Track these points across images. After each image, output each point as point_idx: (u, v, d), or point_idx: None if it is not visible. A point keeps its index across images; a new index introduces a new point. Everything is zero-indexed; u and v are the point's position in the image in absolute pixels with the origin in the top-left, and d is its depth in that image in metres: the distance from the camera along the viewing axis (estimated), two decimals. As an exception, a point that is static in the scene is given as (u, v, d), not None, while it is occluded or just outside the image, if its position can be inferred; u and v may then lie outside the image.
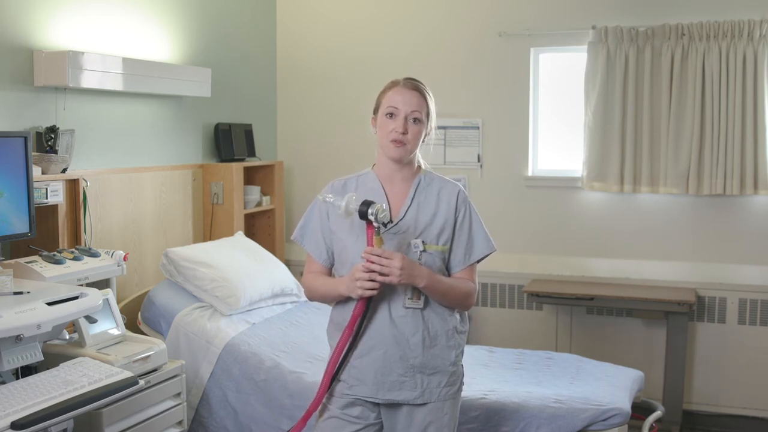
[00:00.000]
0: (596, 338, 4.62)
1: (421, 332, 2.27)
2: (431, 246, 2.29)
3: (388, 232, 2.27)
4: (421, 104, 2.31)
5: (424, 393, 2.29)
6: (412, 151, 2.34)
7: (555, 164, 4.82)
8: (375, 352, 2.27)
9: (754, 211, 4.37)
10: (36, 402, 2.08)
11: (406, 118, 2.28)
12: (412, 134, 2.30)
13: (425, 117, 2.32)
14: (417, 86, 2.33)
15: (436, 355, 2.29)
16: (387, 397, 2.28)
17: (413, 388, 2.28)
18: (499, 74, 4.77)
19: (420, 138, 2.33)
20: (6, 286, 2.49)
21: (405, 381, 2.27)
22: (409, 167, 2.38)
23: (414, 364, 2.27)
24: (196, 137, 4.40)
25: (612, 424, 2.99)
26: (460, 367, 2.38)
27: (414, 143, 2.32)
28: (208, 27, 4.48)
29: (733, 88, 4.23)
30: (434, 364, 2.29)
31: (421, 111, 2.30)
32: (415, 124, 2.30)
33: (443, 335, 2.30)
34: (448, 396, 2.32)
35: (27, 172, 2.87)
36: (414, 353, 2.26)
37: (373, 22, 5.01)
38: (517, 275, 4.75)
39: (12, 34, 3.18)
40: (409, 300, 2.26)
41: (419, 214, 2.31)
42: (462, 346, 2.37)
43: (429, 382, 2.29)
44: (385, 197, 2.34)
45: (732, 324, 4.42)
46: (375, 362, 2.27)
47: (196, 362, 3.42)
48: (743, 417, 4.43)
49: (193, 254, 3.76)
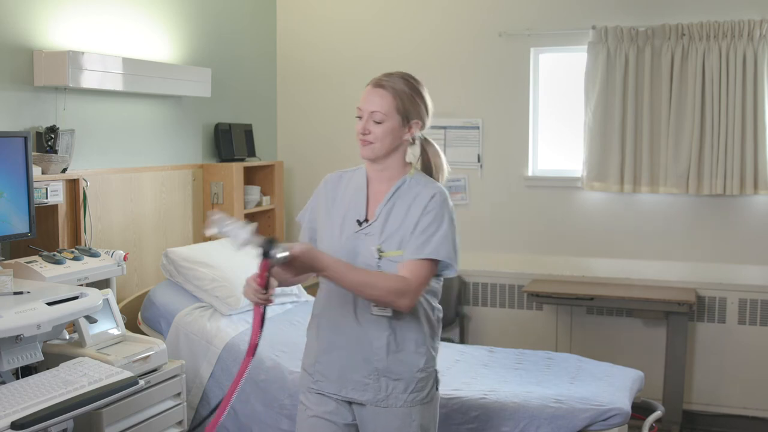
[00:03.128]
0: (596, 338, 4.62)
1: (386, 337, 2.20)
2: (389, 252, 2.19)
3: (360, 232, 2.22)
4: (383, 103, 2.19)
5: (389, 397, 2.22)
6: (383, 150, 2.22)
7: (555, 164, 4.82)
8: (338, 351, 2.24)
9: (754, 211, 4.37)
10: (36, 402, 2.08)
11: (368, 118, 2.20)
12: (376, 134, 2.20)
13: (394, 113, 2.20)
14: (382, 83, 2.22)
15: (401, 360, 2.21)
16: (350, 396, 2.24)
17: (377, 391, 2.21)
18: (499, 74, 4.77)
19: (388, 136, 2.21)
20: (6, 286, 2.49)
21: (369, 383, 2.22)
22: (392, 168, 2.27)
23: (378, 367, 2.21)
24: (196, 137, 4.40)
25: (612, 424, 2.99)
26: (432, 372, 2.28)
27: (383, 142, 2.21)
28: (208, 27, 4.48)
29: (733, 88, 4.23)
30: (399, 369, 2.21)
31: (384, 111, 2.19)
32: (377, 125, 2.19)
33: (411, 342, 2.22)
34: (415, 402, 2.23)
35: (27, 172, 2.87)
36: (377, 357, 2.20)
37: (373, 22, 5.01)
38: (517, 275, 4.75)
39: (12, 34, 3.18)
40: (376, 307, 2.19)
41: (390, 218, 2.22)
42: (433, 352, 2.28)
43: (395, 387, 2.21)
44: (366, 196, 2.27)
45: (732, 324, 4.41)
46: (339, 360, 2.24)
47: (196, 362, 3.42)
48: (743, 417, 4.43)
49: (193, 254, 3.76)
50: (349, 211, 2.28)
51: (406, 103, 2.22)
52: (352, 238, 2.23)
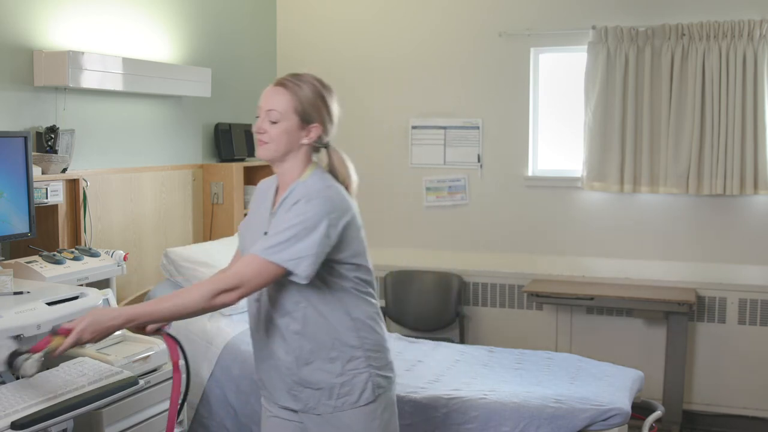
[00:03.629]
0: (596, 338, 4.61)
1: (292, 350, 2.13)
2: None
3: None
4: (281, 101, 2.10)
5: (318, 405, 2.15)
6: (279, 152, 2.12)
7: (555, 164, 4.82)
8: (262, 363, 2.24)
9: (754, 211, 4.37)
10: (36, 402, 2.08)
11: (264, 117, 2.12)
12: (271, 134, 2.11)
13: (292, 114, 2.10)
14: (283, 82, 2.14)
15: (314, 371, 2.13)
16: (284, 404, 2.22)
17: (306, 400, 2.16)
18: (499, 74, 4.77)
19: (283, 137, 2.11)
20: (6, 286, 2.49)
21: (295, 393, 2.18)
22: (291, 172, 2.16)
23: (294, 380, 2.16)
24: (196, 137, 4.40)
25: (612, 424, 2.99)
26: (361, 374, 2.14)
27: (278, 143, 2.11)
28: (208, 27, 4.48)
29: (733, 88, 4.23)
30: (315, 380, 2.14)
31: (282, 110, 2.10)
32: (273, 124, 2.10)
33: (320, 350, 2.13)
34: (346, 406, 2.14)
35: (27, 172, 2.87)
36: (290, 371, 2.15)
37: (373, 22, 5.01)
38: (517, 275, 4.74)
39: (12, 34, 3.18)
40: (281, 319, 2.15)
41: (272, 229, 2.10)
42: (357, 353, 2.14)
43: (320, 395, 2.14)
44: (272, 205, 2.19)
45: (732, 324, 4.41)
46: (267, 371, 2.23)
47: (196, 362, 3.41)
48: (743, 417, 4.43)
49: (193, 254, 3.76)
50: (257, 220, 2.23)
51: (305, 105, 2.13)
52: None
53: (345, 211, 2.11)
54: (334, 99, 2.22)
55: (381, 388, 2.18)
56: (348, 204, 2.14)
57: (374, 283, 2.25)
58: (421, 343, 3.94)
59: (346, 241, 2.11)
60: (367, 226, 2.23)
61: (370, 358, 2.17)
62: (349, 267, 2.15)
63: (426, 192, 4.93)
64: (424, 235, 4.94)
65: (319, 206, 2.05)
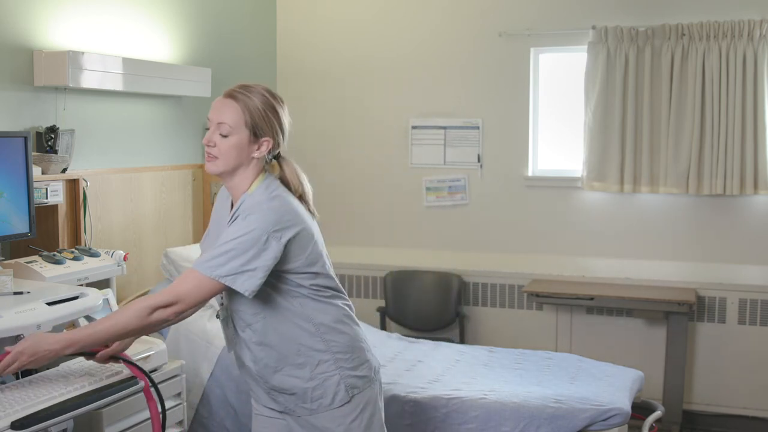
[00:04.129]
0: (596, 338, 4.61)
1: (259, 360, 2.13)
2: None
3: None
4: (232, 115, 2.05)
5: (296, 409, 2.17)
6: (228, 166, 2.06)
7: (555, 164, 4.82)
8: (241, 369, 2.26)
9: (754, 211, 4.37)
10: (36, 402, 2.08)
11: (215, 130, 2.06)
12: (220, 148, 2.04)
13: (243, 128, 2.05)
14: (233, 94, 2.09)
15: (284, 378, 2.14)
16: (267, 405, 2.25)
17: (284, 403, 2.18)
18: (499, 74, 4.77)
19: (233, 151, 2.04)
20: (6, 286, 2.49)
21: (273, 397, 2.20)
22: (241, 187, 2.10)
23: (269, 386, 2.17)
24: (196, 137, 4.40)
25: (612, 424, 2.99)
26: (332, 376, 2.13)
27: (227, 158, 2.04)
28: (208, 27, 4.48)
29: (733, 88, 4.23)
30: (287, 386, 2.14)
31: (231, 123, 2.04)
32: (224, 137, 2.04)
33: (286, 358, 2.12)
34: (322, 408, 2.13)
35: (27, 172, 2.87)
36: (262, 379, 2.17)
37: (373, 22, 5.01)
38: (517, 275, 4.74)
39: (12, 34, 3.18)
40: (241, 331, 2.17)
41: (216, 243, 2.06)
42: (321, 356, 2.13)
43: (295, 400, 2.15)
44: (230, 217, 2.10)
45: (732, 324, 4.41)
46: (245, 376, 2.26)
47: (196, 362, 3.42)
48: (743, 417, 4.43)
49: (193, 254, 3.75)
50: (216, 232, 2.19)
51: (256, 118, 2.07)
52: None
53: (290, 224, 2.03)
54: (286, 111, 2.15)
55: (355, 389, 2.16)
56: (295, 215, 2.07)
57: (338, 285, 2.20)
58: (421, 343, 3.94)
59: (293, 253, 2.05)
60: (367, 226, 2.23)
61: (339, 360, 2.14)
62: (304, 276, 2.10)
63: (426, 192, 4.93)
64: (424, 235, 4.94)
65: (261, 220, 1.99)
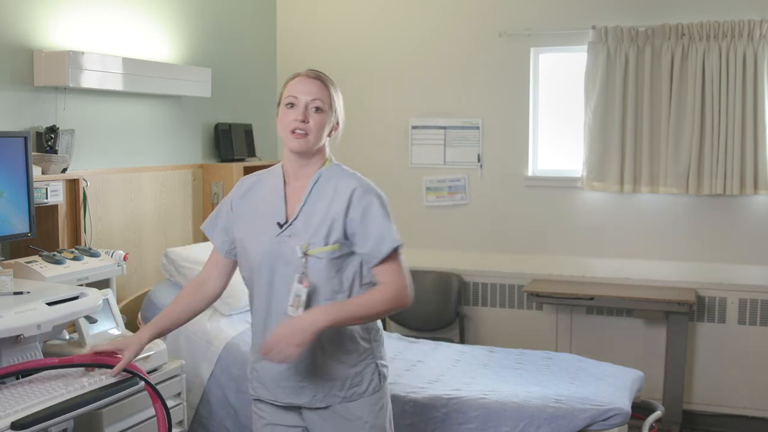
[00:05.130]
0: (596, 338, 4.61)
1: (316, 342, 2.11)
2: (316, 249, 2.11)
3: (282, 235, 2.16)
4: (322, 93, 2.17)
5: (327, 397, 2.18)
6: (316, 143, 2.17)
7: (555, 164, 4.82)
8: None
9: (754, 211, 4.37)
10: (36, 402, 2.08)
11: (307, 106, 2.15)
12: (314, 123, 2.15)
13: (328, 107, 2.18)
14: (319, 76, 2.20)
15: (331, 360, 2.16)
16: (288, 401, 2.21)
17: (314, 392, 2.18)
18: (499, 74, 4.77)
19: (323, 129, 2.18)
20: (6, 286, 2.49)
21: (304, 386, 2.18)
22: (316, 162, 2.21)
23: (309, 371, 2.17)
24: (196, 137, 4.40)
25: (612, 424, 2.99)
26: (370, 365, 2.21)
27: (317, 134, 2.16)
28: (208, 27, 4.48)
29: (733, 88, 4.23)
30: (330, 371, 2.17)
31: (323, 100, 2.17)
32: (317, 113, 2.15)
33: (335, 342, 2.16)
34: (354, 396, 2.18)
35: (27, 172, 2.87)
36: (307, 361, 2.15)
37: (373, 22, 5.01)
38: (517, 275, 4.74)
39: (12, 34, 3.18)
40: (290, 307, 2.11)
41: (311, 214, 2.15)
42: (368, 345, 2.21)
43: (330, 387, 2.17)
44: (284, 195, 2.20)
45: (732, 324, 4.41)
46: (271, 368, 2.19)
47: (196, 362, 3.42)
48: (743, 417, 4.43)
49: (193, 254, 3.76)
50: (268, 213, 2.21)
51: (336, 101, 2.22)
52: (275, 241, 2.15)
53: None
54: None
55: (384, 378, 2.25)
56: None
57: None
58: (421, 343, 3.94)
59: None
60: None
61: (375, 348, 2.24)
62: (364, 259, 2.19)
63: (426, 192, 4.93)
64: (424, 235, 4.94)
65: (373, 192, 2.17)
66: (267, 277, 2.17)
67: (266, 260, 2.16)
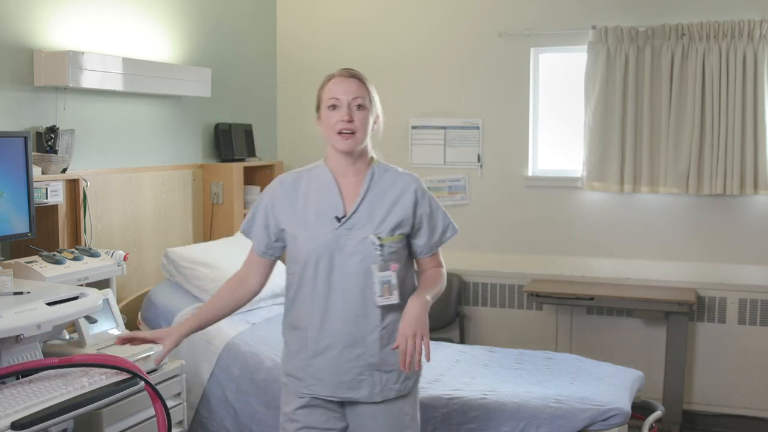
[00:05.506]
0: (596, 338, 4.61)
1: (378, 331, 2.24)
2: (387, 239, 2.23)
3: (342, 228, 2.23)
4: (362, 90, 2.25)
5: (383, 390, 2.27)
6: (363, 140, 2.26)
7: (555, 164, 4.82)
8: (331, 351, 2.25)
9: (754, 211, 4.37)
10: (36, 402, 2.08)
11: (350, 105, 2.22)
12: (359, 121, 2.23)
13: (369, 103, 2.26)
14: (354, 74, 2.28)
15: (393, 352, 2.24)
16: (345, 396, 2.26)
17: (372, 386, 2.26)
18: (499, 74, 4.77)
19: (368, 125, 2.26)
20: (6, 286, 2.49)
21: (363, 379, 2.25)
22: (362, 159, 2.31)
23: (371, 362, 2.25)
24: (196, 137, 4.40)
25: (612, 424, 2.99)
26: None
27: (363, 131, 2.25)
28: (208, 27, 4.48)
29: (733, 88, 4.23)
30: (392, 360, 2.25)
31: (363, 97, 2.25)
32: (360, 110, 2.23)
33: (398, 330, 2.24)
34: (404, 391, 2.30)
35: (27, 172, 2.87)
36: (371, 352, 2.24)
37: (373, 22, 5.01)
38: (517, 275, 4.74)
39: (12, 34, 3.18)
40: (380, 297, 2.21)
41: (373, 207, 2.26)
42: None
43: (387, 379, 2.27)
44: (338, 190, 2.28)
45: (732, 324, 4.41)
46: (332, 361, 2.25)
47: (196, 362, 3.42)
48: (743, 417, 4.43)
49: (193, 254, 3.76)
50: (322, 208, 2.26)
51: (372, 94, 2.30)
52: (335, 234, 2.22)
53: None
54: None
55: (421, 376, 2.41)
56: None
57: None
58: (421, 343, 3.93)
59: None
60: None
61: None
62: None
63: (426, 192, 4.92)
64: (424, 235, 4.93)
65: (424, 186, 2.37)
66: (325, 271, 2.23)
67: (325, 254, 2.22)
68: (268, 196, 2.35)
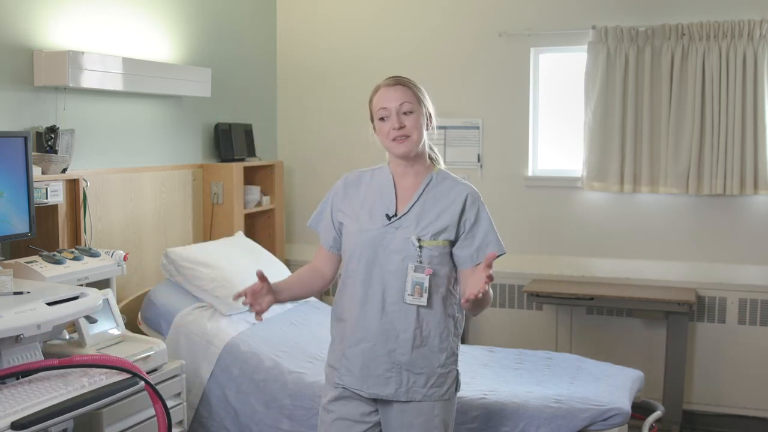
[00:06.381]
0: (596, 338, 4.61)
1: (412, 330, 2.27)
2: (428, 242, 2.28)
3: (390, 226, 2.29)
4: (407, 95, 2.30)
5: (409, 391, 2.28)
6: (419, 141, 2.31)
7: (555, 164, 4.82)
8: (363, 344, 2.29)
9: (754, 211, 4.37)
10: (36, 402, 2.08)
11: (398, 113, 2.28)
12: (410, 125, 2.28)
13: (418, 104, 2.31)
14: (398, 80, 2.33)
15: (425, 355, 2.28)
16: (371, 391, 2.30)
17: (398, 384, 2.28)
18: (499, 74, 4.77)
19: (420, 126, 2.30)
20: (6, 286, 2.49)
21: (391, 377, 2.28)
22: (420, 162, 2.37)
23: (401, 360, 2.27)
24: (196, 137, 4.40)
25: (612, 424, 2.99)
26: (453, 370, 2.36)
27: (417, 133, 2.30)
28: (208, 27, 4.48)
29: (733, 88, 4.23)
30: (422, 363, 2.28)
31: (410, 101, 2.29)
32: (409, 115, 2.29)
33: (436, 336, 2.30)
34: (435, 397, 2.31)
35: (27, 172, 2.87)
36: (402, 350, 2.27)
37: (373, 22, 5.01)
38: (517, 275, 4.74)
39: (12, 34, 3.18)
40: (410, 296, 2.26)
41: (424, 211, 2.31)
42: (455, 350, 2.36)
43: (415, 381, 2.28)
44: (394, 192, 2.35)
45: (732, 324, 4.41)
46: (363, 354, 2.29)
47: (196, 362, 3.42)
48: (743, 417, 4.43)
49: (193, 254, 3.76)
50: (376, 206, 2.34)
51: (420, 96, 2.33)
52: (381, 231, 2.30)
53: None
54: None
55: (459, 387, 2.40)
56: None
57: None
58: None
59: None
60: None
61: (456, 356, 2.37)
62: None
63: (426, 192, 4.92)
64: (424, 235, 4.93)
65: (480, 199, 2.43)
66: (366, 265, 2.29)
67: (370, 249, 2.28)
68: (333, 192, 2.45)
